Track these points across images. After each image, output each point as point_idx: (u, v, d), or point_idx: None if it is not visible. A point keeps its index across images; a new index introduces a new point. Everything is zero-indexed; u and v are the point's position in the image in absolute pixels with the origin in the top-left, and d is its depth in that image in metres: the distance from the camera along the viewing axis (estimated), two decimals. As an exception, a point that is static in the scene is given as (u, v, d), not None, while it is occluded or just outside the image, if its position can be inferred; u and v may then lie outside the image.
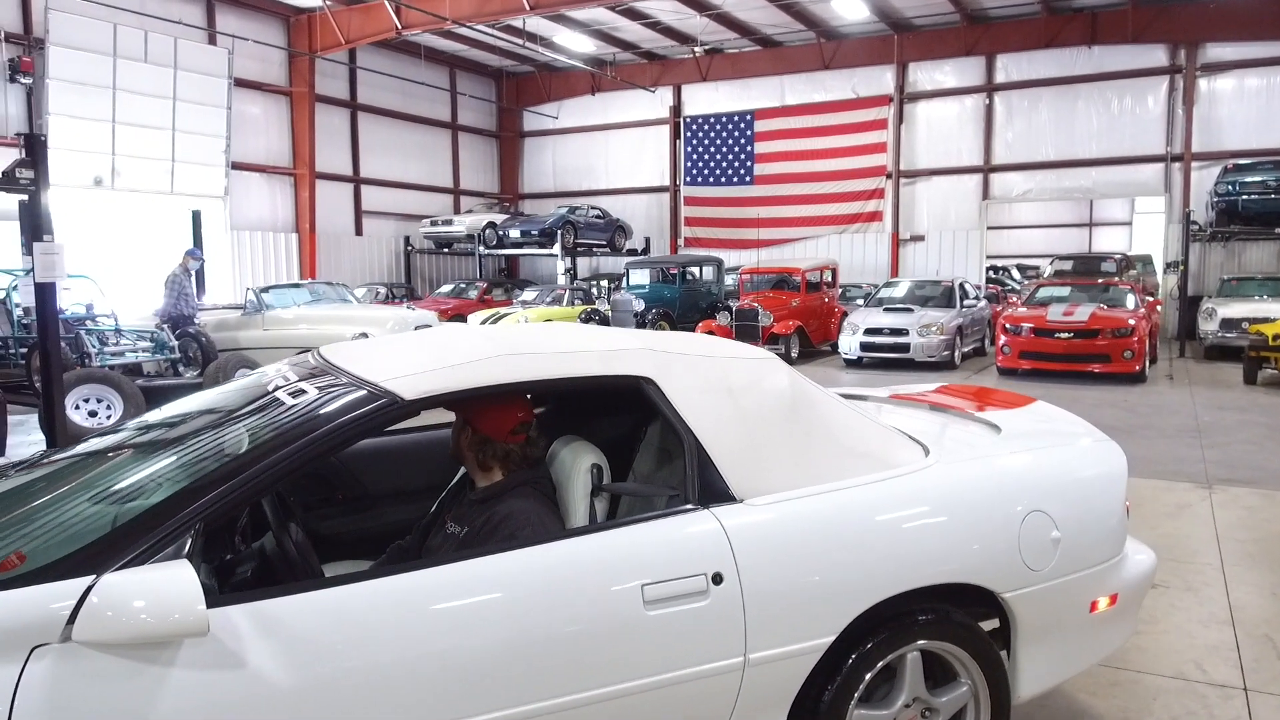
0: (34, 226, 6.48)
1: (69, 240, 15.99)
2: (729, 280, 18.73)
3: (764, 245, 23.80)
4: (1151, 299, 15.58)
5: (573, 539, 2.03)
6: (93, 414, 7.50)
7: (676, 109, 24.82)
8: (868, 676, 2.21)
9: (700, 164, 24.53)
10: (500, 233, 21.73)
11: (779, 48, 23.25)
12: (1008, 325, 13.01)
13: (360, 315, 10.11)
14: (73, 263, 14.76)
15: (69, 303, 9.33)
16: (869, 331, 14.30)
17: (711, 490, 2.15)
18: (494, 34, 20.81)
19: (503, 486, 2.34)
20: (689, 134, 24.56)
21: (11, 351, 8.93)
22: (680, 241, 24.97)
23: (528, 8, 17.78)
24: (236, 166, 19.91)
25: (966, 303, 15.36)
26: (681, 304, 17.07)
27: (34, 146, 6.40)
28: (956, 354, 14.37)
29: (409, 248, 23.88)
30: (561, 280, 20.77)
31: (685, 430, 2.19)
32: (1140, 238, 29.47)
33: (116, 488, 1.99)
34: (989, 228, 22.59)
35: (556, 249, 20.61)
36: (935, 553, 2.29)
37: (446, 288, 21.01)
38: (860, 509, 2.26)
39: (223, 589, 2.11)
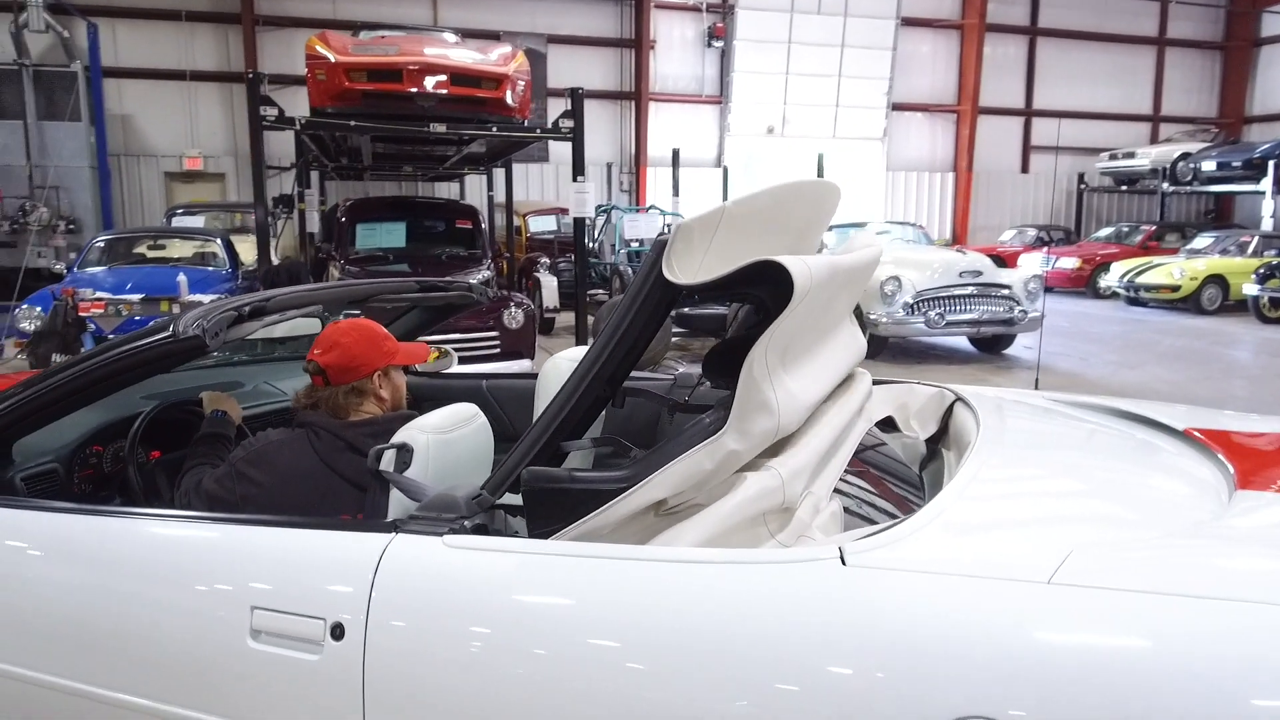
0: (574, 167, 7.58)
1: (740, 182, 18.39)
2: None
3: None
4: None
5: (229, 523, 1.64)
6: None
7: None
8: None
9: None
10: (1193, 165, 17.88)
11: None
12: None
13: (906, 257, 9.43)
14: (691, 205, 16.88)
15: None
16: None
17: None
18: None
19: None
20: None
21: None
22: None
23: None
24: (897, 107, 20.17)
25: None
26: None
27: (575, 100, 7.43)
28: None
29: (1082, 185, 21.27)
30: (1267, 224, 16.22)
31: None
32: None
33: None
34: None
35: (1265, 184, 16.10)
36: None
37: (1105, 231, 18.15)
38: (594, 605, 1.32)
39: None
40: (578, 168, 7.51)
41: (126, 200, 16.31)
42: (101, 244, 9.00)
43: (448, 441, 1.85)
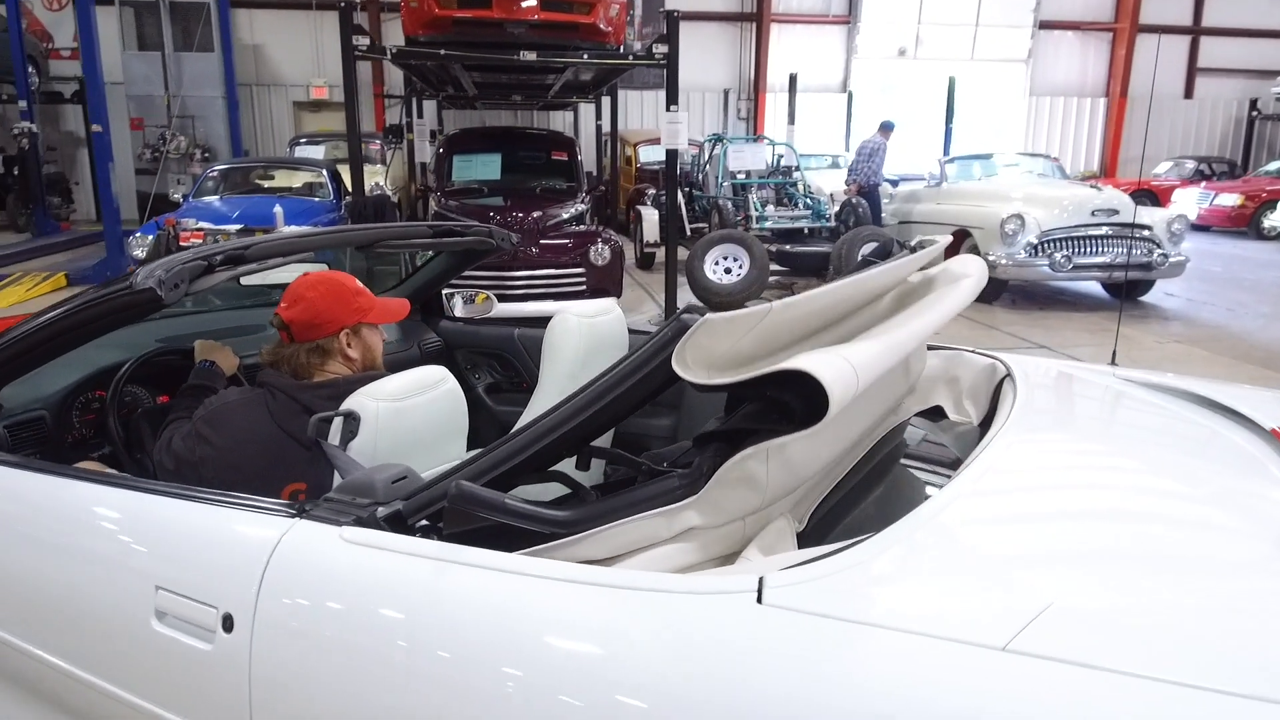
0: (668, 96, 7.24)
1: (866, 109, 17.41)
2: None
3: None
4: None
5: (141, 491, 1.54)
6: (727, 271, 8.26)
7: None
8: None
9: None
10: (1391, 89, 15.73)
11: None
12: None
13: (1034, 193, 8.61)
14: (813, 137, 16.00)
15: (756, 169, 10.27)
16: None
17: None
18: None
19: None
20: None
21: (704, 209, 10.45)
22: None
23: None
24: (1044, 25, 18.58)
25: None
26: None
27: (670, 23, 7.05)
28: None
29: (1254, 113, 19.15)
30: None
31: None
32: None
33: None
34: None
35: None
36: None
37: (1275, 164, 16.29)
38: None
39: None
40: (671, 96, 7.14)
41: (258, 129, 16.91)
42: (215, 174, 9.32)
43: (401, 410, 1.70)
